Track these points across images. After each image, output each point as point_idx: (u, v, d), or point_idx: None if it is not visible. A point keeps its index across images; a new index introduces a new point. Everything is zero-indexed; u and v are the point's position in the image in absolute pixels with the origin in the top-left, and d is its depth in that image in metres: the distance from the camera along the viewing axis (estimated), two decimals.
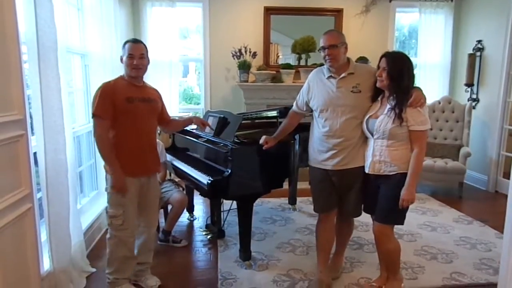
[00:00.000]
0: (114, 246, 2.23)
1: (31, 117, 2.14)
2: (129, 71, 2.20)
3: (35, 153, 2.18)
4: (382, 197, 2.15)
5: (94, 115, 2.11)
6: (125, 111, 2.15)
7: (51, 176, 2.22)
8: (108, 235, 2.25)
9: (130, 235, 2.24)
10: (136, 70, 2.19)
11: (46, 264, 2.28)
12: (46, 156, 2.20)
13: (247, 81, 4.76)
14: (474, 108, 4.77)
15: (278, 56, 5.05)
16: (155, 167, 2.40)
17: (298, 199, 3.99)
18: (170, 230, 3.09)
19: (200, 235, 3.30)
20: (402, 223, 2.20)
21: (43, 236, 2.30)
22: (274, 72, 4.82)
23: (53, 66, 2.20)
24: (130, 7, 4.65)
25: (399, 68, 2.05)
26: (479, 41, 4.76)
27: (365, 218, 2.45)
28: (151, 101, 2.30)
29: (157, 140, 3.25)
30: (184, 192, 3.27)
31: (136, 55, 2.17)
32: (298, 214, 3.79)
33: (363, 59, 4.55)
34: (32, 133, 2.18)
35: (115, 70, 3.72)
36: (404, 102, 2.04)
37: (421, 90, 2.10)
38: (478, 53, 4.77)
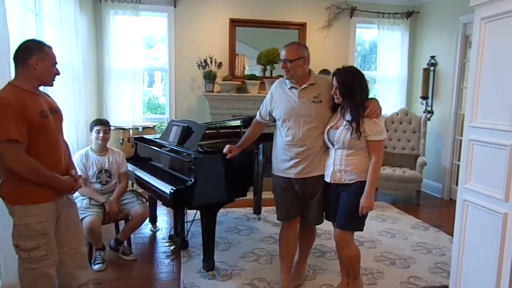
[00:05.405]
0: (33, 281, 1.87)
1: None
2: (47, 77, 1.87)
3: None
4: (343, 205, 2.21)
5: (9, 141, 1.67)
6: (40, 129, 1.79)
7: None
8: (21, 270, 1.87)
9: (53, 264, 1.93)
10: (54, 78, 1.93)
11: None
12: None
13: (212, 91, 4.76)
14: (429, 119, 5.04)
15: (245, 67, 5.10)
16: None
17: (263, 208, 4.00)
18: (123, 240, 3.00)
19: (162, 247, 3.22)
20: (361, 230, 2.27)
21: None
22: (240, 82, 4.86)
23: (5, 72, 2.12)
24: (92, 14, 4.55)
25: (349, 85, 2.11)
26: (433, 57, 5.06)
27: (327, 226, 2.50)
28: (57, 111, 1.96)
29: (118, 150, 3.18)
30: (147, 203, 3.19)
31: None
32: (263, 224, 3.81)
33: (325, 71, 4.68)
34: None
35: (74, 78, 3.61)
36: (359, 116, 2.11)
37: (377, 101, 2.19)
38: (432, 68, 5.07)
